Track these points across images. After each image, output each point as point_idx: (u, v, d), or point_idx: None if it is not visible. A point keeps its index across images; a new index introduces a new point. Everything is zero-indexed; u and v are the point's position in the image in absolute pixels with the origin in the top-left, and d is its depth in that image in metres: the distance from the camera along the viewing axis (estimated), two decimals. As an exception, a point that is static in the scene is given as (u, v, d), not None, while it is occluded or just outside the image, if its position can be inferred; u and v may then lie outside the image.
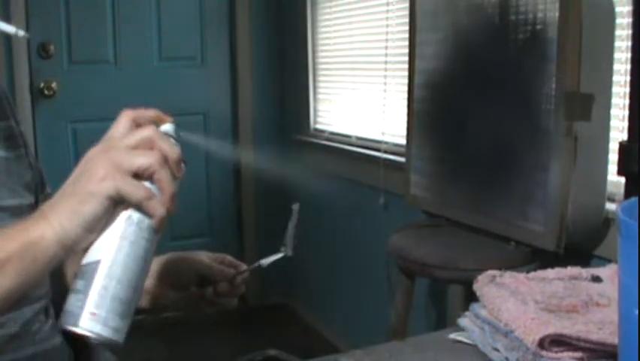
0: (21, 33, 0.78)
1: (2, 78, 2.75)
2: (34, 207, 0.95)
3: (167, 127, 0.72)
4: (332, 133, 2.92)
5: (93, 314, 0.63)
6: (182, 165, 0.69)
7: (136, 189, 0.65)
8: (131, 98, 3.12)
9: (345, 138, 2.78)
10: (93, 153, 0.67)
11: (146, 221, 0.66)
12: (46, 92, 2.96)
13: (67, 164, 3.02)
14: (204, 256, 0.97)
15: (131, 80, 3.12)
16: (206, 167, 3.31)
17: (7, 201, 0.87)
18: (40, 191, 0.98)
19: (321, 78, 3.04)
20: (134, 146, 0.67)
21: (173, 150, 0.68)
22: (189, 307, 0.95)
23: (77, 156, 3.21)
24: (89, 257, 0.65)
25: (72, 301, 0.64)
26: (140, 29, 3.11)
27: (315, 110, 3.10)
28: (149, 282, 0.93)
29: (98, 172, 0.64)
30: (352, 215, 2.75)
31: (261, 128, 3.34)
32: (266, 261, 0.93)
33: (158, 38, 3.15)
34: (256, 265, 0.93)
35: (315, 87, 3.08)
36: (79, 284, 0.65)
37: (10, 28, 0.78)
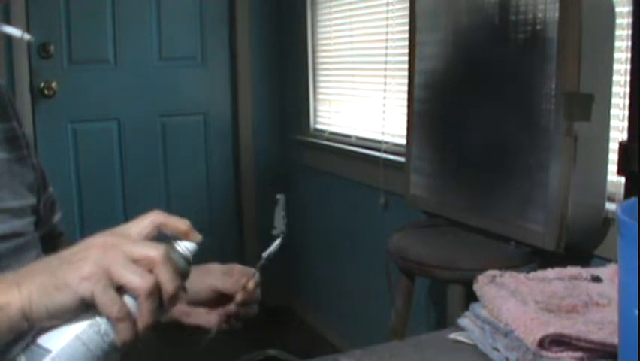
0: (27, 37, 0.79)
1: (2, 78, 2.76)
2: (35, 208, 0.95)
3: (187, 246, 0.68)
4: (332, 133, 2.92)
5: None
6: (180, 295, 0.65)
7: (111, 305, 0.61)
8: (131, 98, 3.12)
9: (345, 138, 2.78)
10: (94, 242, 0.64)
11: (111, 336, 0.63)
12: (46, 92, 2.96)
13: (67, 164, 3.02)
14: (216, 270, 0.96)
15: (131, 80, 3.12)
16: (206, 167, 3.31)
17: (10, 202, 0.87)
18: (42, 192, 0.98)
19: (321, 78, 3.04)
20: (135, 258, 0.63)
21: (171, 284, 0.63)
22: (221, 326, 0.94)
23: (77, 156, 3.22)
24: (43, 340, 0.63)
25: None
26: (140, 29, 3.11)
27: (315, 110, 3.10)
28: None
29: (85, 268, 0.61)
30: (352, 215, 2.75)
31: (261, 128, 3.34)
32: (268, 252, 0.93)
33: (158, 38, 3.15)
34: (261, 261, 0.93)
35: (315, 87, 3.08)
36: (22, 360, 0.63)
37: (16, 32, 0.78)
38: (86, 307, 0.62)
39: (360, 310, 2.73)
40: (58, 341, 0.63)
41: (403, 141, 2.05)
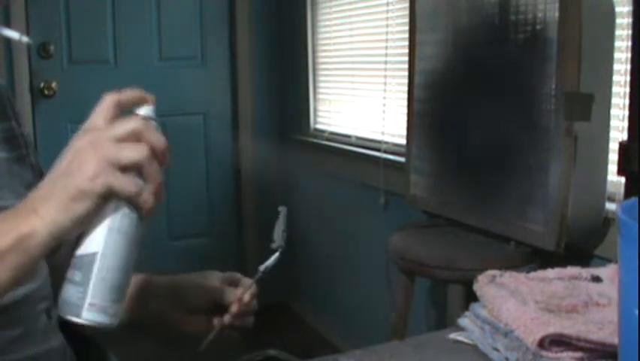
0: (25, 39, 0.80)
1: (2, 78, 2.76)
2: None
3: (148, 110, 0.73)
4: (332, 133, 2.92)
5: (93, 305, 0.67)
6: (169, 151, 0.70)
7: (127, 185, 0.66)
8: (131, 98, 3.12)
9: (345, 138, 2.78)
10: (80, 145, 0.67)
11: (135, 212, 0.68)
12: (46, 92, 2.96)
13: (67, 164, 3.02)
14: (215, 280, 0.96)
15: (131, 80, 3.10)
16: (206, 167, 3.31)
17: (10, 202, 0.87)
18: None
19: (321, 78, 3.04)
20: (121, 138, 0.67)
21: (160, 141, 0.69)
22: (217, 335, 0.95)
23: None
24: (84, 249, 0.68)
25: (71, 292, 0.67)
26: (140, 29, 3.11)
27: (315, 110, 3.10)
28: (160, 304, 0.94)
29: (89, 169, 0.65)
30: (352, 215, 2.75)
31: (261, 128, 3.34)
32: (265, 265, 0.93)
33: (158, 38, 3.15)
34: (259, 274, 0.93)
35: (315, 87, 3.08)
36: (77, 275, 0.67)
37: (15, 35, 0.79)
38: (106, 201, 0.66)
39: (360, 310, 2.73)
40: (96, 241, 0.68)
41: (403, 141, 2.05)
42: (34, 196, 0.68)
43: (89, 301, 0.67)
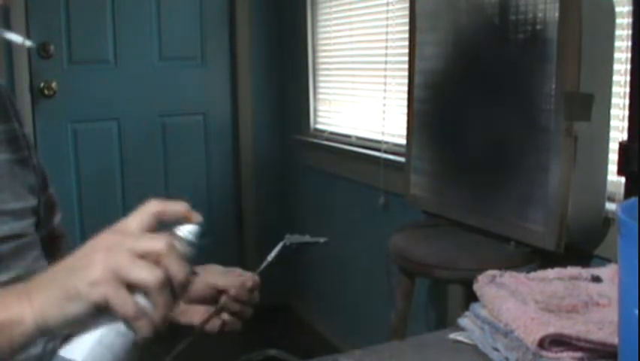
0: (28, 43, 0.79)
1: (2, 78, 2.76)
2: (36, 209, 0.95)
3: (189, 229, 0.69)
4: (332, 133, 2.92)
5: None
6: (190, 280, 0.65)
7: (125, 305, 0.61)
8: (131, 98, 3.12)
9: (345, 138, 2.78)
10: (98, 245, 0.63)
11: (131, 334, 0.63)
12: (46, 92, 2.95)
13: (67, 164, 3.02)
14: (215, 269, 0.96)
15: (131, 80, 3.12)
16: (206, 167, 3.31)
17: (11, 204, 0.87)
18: (42, 193, 0.98)
19: (321, 78, 3.04)
20: (140, 254, 0.62)
21: (180, 272, 0.63)
22: (211, 324, 0.94)
23: (77, 156, 3.21)
24: (67, 352, 0.63)
25: None
26: (140, 29, 3.11)
27: (315, 110, 3.10)
28: None
29: (93, 274, 0.61)
30: (352, 215, 2.75)
31: (261, 128, 3.34)
32: (267, 261, 0.93)
33: (158, 38, 3.15)
34: (263, 265, 0.93)
35: (315, 87, 3.08)
36: None
37: (17, 38, 0.78)
38: (101, 311, 0.62)
39: (360, 310, 2.73)
40: (81, 350, 0.63)
41: (403, 141, 2.05)
42: (35, 280, 0.65)
43: None
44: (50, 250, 0.97)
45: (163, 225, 0.68)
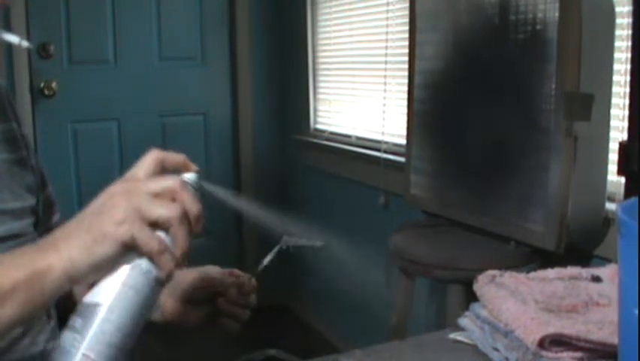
0: (25, 44, 0.79)
1: (2, 78, 2.76)
2: (35, 209, 0.95)
3: (191, 176, 0.72)
4: (332, 133, 2.92)
5: (87, 357, 0.63)
6: (202, 220, 0.68)
7: (150, 241, 0.64)
8: (131, 98, 3.12)
9: (345, 138, 2.78)
10: (115, 191, 0.66)
11: (154, 272, 0.65)
12: (46, 92, 2.96)
13: (67, 164, 3.02)
14: (213, 271, 0.96)
15: (131, 80, 3.12)
16: (206, 167, 3.31)
17: (10, 204, 0.87)
18: (40, 192, 0.98)
19: (321, 78, 3.04)
20: (156, 194, 0.66)
21: (194, 206, 0.67)
22: (208, 324, 0.95)
23: (77, 156, 3.21)
24: (91, 297, 0.65)
25: (68, 338, 0.64)
26: (140, 29, 3.11)
27: (315, 110, 3.10)
28: (168, 301, 0.93)
29: (118, 215, 0.64)
30: (352, 215, 2.75)
31: (261, 128, 3.34)
32: (263, 264, 0.93)
33: (158, 38, 3.15)
34: (260, 268, 0.93)
35: (315, 87, 3.08)
36: (77, 322, 0.64)
37: (14, 39, 0.78)
38: (124, 253, 0.64)
39: (360, 310, 2.73)
40: (105, 292, 0.64)
41: (403, 141, 2.05)
42: (60, 231, 0.66)
43: (83, 352, 0.63)
44: None
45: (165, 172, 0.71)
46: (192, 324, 0.95)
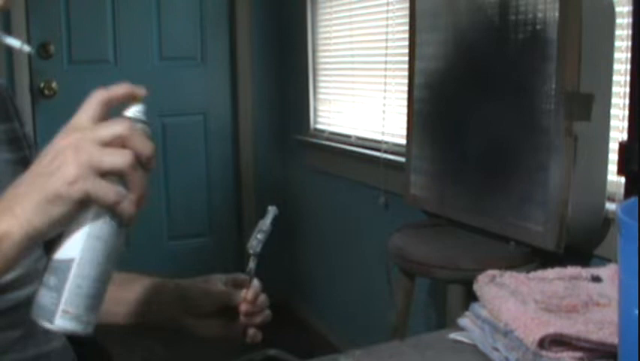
0: (27, 49, 0.79)
1: (2, 78, 2.75)
2: None
3: (138, 110, 0.70)
4: (332, 133, 2.92)
5: (67, 312, 0.64)
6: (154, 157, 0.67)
7: (107, 193, 0.63)
8: (131, 98, 3.12)
9: (345, 138, 2.78)
10: (62, 145, 0.65)
11: (116, 219, 0.66)
12: (46, 92, 2.96)
13: (67, 164, 3.02)
14: (218, 282, 0.96)
15: (131, 80, 3.03)
16: (206, 167, 3.31)
17: None
18: None
19: (321, 78, 3.04)
20: (105, 142, 0.64)
21: (146, 148, 0.65)
22: (231, 337, 0.95)
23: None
24: (61, 254, 0.66)
25: (45, 297, 0.65)
26: (140, 29, 3.11)
27: (315, 110, 3.10)
28: (170, 310, 0.93)
29: (69, 173, 0.62)
30: (352, 215, 2.75)
31: (261, 128, 3.34)
32: (249, 269, 0.93)
33: (158, 38, 3.15)
34: (250, 265, 0.93)
35: (315, 87, 3.08)
36: (51, 280, 0.65)
37: (16, 43, 0.78)
38: (83, 207, 0.64)
39: (360, 310, 2.73)
40: (73, 247, 0.65)
41: (403, 141, 2.05)
42: (11, 193, 0.65)
43: (62, 308, 0.64)
44: (51, 250, 0.97)
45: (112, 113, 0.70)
46: (212, 335, 0.95)
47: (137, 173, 0.65)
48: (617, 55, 1.48)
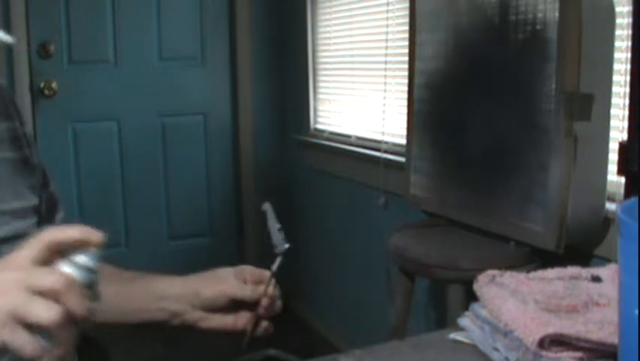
0: (8, 39, 0.78)
1: (2, 78, 2.75)
2: (38, 208, 0.95)
3: (89, 256, 0.65)
4: (332, 133, 2.92)
5: None
6: (92, 312, 0.64)
7: (24, 346, 0.60)
8: (131, 98, 3.12)
9: (345, 138, 2.78)
10: None
11: None
12: (46, 92, 2.96)
13: (67, 164, 3.02)
14: (228, 276, 0.96)
15: (131, 79, 3.12)
16: (206, 167, 3.31)
17: (12, 203, 0.87)
18: (43, 191, 0.98)
19: (321, 78, 3.04)
20: (37, 291, 0.60)
21: (79, 307, 0.61)
22: (239, 330, 0.94)
23: (77, 155, 3.22)
24: None
25: None
26: (140, 29, 3.11)
27: (315, 110, 3.10)
28: (177, 305, 0.93)
29: None
30: (352, 215, 2.75)
31: (261, 128, 3.34)
32: (274, 266, 0.93)
33: (158, 38, 3.15)
34: (277, 263, 0.93)
35: (315, 87, 3.08)
36: None
37: (8, 38, 0.78)
38: (4, 351, 0.61)
39: (360, 310, 2.73)
40: None
41: (403, 141, 2.05)
42: None
43: None
44: None
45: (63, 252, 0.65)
46: (217, 330, 0.95)
47: (64, 331, 0.61)
48: (617, 55, 1.48)
